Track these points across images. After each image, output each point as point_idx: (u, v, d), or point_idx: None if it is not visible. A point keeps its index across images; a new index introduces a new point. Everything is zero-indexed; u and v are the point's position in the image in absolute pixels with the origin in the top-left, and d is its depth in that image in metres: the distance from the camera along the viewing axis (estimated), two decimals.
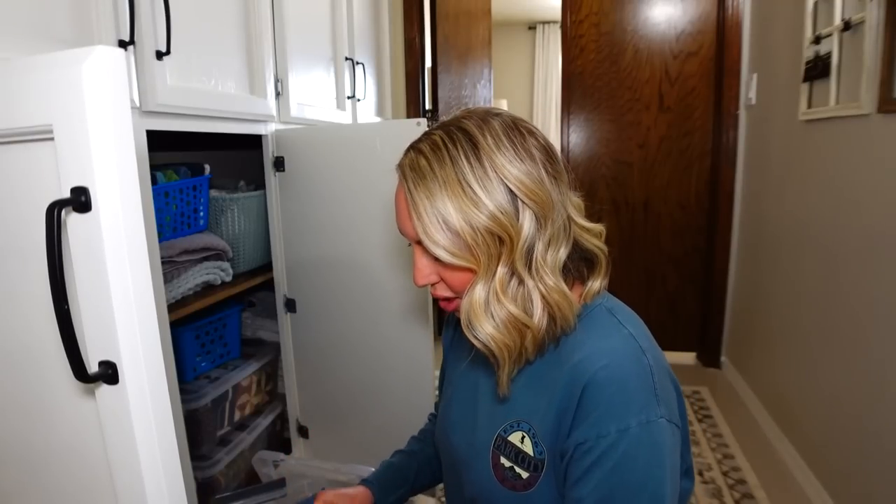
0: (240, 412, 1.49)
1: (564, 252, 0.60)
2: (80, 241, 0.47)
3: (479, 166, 0.56)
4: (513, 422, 0.63)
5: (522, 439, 0.62)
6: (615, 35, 2.53)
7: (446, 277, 0.61)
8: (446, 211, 0.55)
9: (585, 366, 0.57)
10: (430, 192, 0.56)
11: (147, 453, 0.49)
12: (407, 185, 0.58)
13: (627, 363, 0.57)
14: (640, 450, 0.54)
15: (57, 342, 0.46)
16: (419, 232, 0.57)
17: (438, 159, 0.57)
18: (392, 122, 2.20)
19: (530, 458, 0.61)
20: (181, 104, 1.02)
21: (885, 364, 1.30)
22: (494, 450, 0.64)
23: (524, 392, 0.64)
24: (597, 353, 0.58)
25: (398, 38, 2.56)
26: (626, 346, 0.59)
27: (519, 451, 0.62)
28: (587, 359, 0.58)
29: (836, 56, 1.55)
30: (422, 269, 0.62)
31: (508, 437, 0.63)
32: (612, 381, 0.56)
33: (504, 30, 5.73)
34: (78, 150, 0.45)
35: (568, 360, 0.60)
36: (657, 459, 0.55)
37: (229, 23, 1.20)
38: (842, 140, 1.53)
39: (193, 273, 1.25)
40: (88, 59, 0.44)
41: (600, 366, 0.57)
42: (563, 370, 0.60)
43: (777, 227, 2.01)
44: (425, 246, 0.58)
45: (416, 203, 0.57)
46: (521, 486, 0.62)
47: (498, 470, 0.64)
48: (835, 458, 1.53)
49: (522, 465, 0.62)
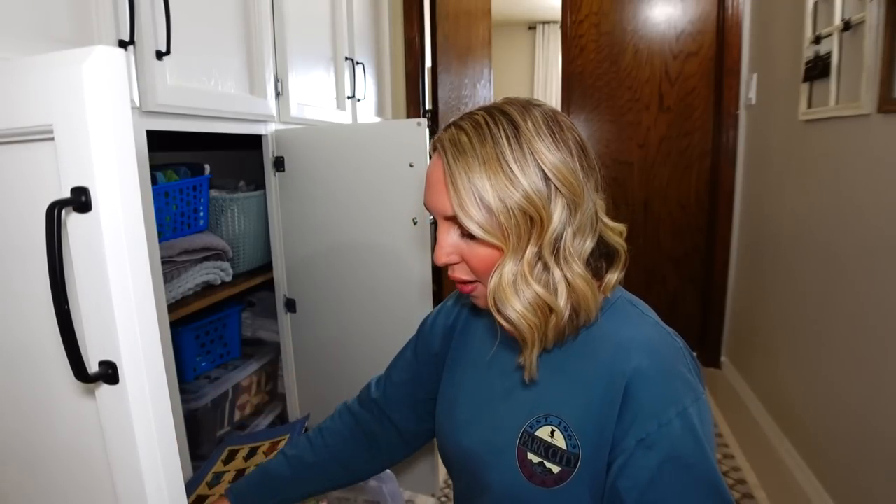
0: (240, 412, 1.49)
1: (590, 245, 0.61)
2: (81, 241, 0.47)
3: (518, 148, 0.57)
4: (539, 416, 0.63)
5: (552, 433, 0.62)
6: (615, 35, 2.53)
7: (469, 258, 0.61)
8: (483, 187, 0.56)
9: (626, 357, 0.58)
10: (468, 166, 0.57)
11: (147, 453, 0.49)
12: (446, 157, 0.59)
13: (665, 349, 0.60)
14: (698, 428, 0.56)
15: (57, 342, 0.46)
16: (454, 205, 0.58)
17: (480, 137, 0.58)
18: (392, 122, 2.20)
19: (563, 451, 0.61)
20: (181, 104, 1.02)
21: (885, 364, 1.30)
22: (520, 446, 0.63)
23: (549, 386, 0.64)
24: (633, 343, 0.60)
25: (398, 38, 2.56)
26: (659, 334, 0.62)
27: (549, 445, 0.62)
28: (625, 350, 0.59)
29: (836, 56, 1.55)
30: (445, 246, 0.62)
31: (535, 432, 0.63)
32: (659, 370, 0.58)
33: (504, 30, 5.73)
34: (78, 150, 0.45)
35: (599, 351, 0.61)
36: (708, 431, 0.58)
37: (229, 23, 1.20)
38: (842, 140, 1.53)
39: (193, 273, 1.25)
40: (89, 59, 0.44)
41: (643, 356, 0.58)
42: (595, 362, 0.61)
43: (777, 227, 2.01)
44: (460, 220, 0.58)
45: (454, 176, 0.58)
46: (552, 481, 0.61)
47: (525, 466, 0.63)
48: (835, 458, 1.53)
49: (553, 459, 0.61)
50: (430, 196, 0.62)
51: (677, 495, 0.55)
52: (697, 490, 0.56)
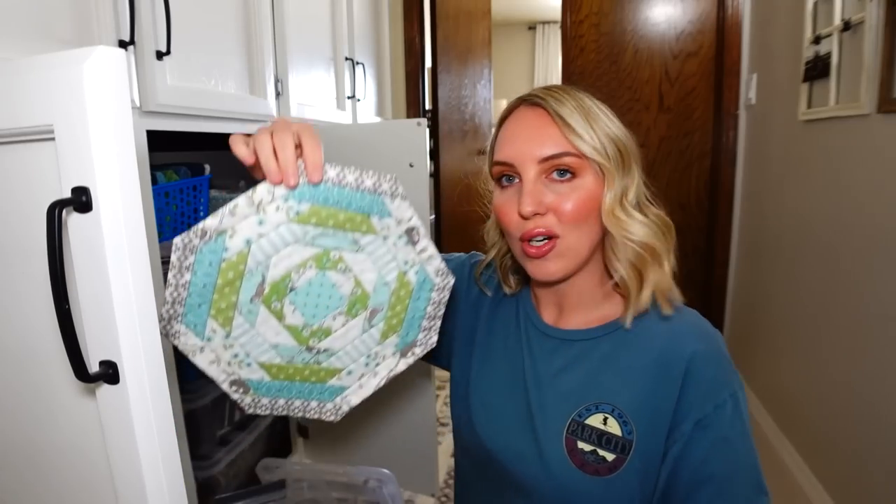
0: (240, 412, 1.49)
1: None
2: (81, 240, 0.47)
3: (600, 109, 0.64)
4: (589, 405, 0.63)
5: (605, 420, 0.62)
6: (615, 35, 2.53)
7: (562, 202, 0.61)
8: (584, 121, 0.61)
9: (682, 343, 0.61)
10: (571, 108, 0.62)
11: (147, 453, 0.49)
12: (547, 102, 0.62)
13: (715, 335, 0.63)
14: (744, 412, 0.60)
15: (58, 342, 0.46)
16: (566, 133, 0.61)
17: (571, 94, 0.63)
18: (392, 122, 2.20)
19: (617, 438, 0.61)
20: (181, 104, 1.03)
21: (885, 364, 1.30)
22: (569, 435, 0.63)
23: (597, 375, 0.64)
24: (687, 330, 0.63)
25: (398, 38, 2.57)
26: (703, 321, 0.65)
27: (602, 432, 0.62)
28: (680, 336, 0.62)
29: (836, 56, 1.55)
30: (535, 194, 0.61)
31: (585, 420, 0.63)
32: (714, 355, 0.61)
33: (504, 30, 5.74)
34: (79, 151, 0.45)
35: (650, 339, 0.63)
36: (748, 415, 0.61)
37: (229, 23, 1.20)
38: (842, 140, 1.53)
39: None
40: (89, 59, 0.44)
41: (699, 341, 0.61)
42: (647, 350, 0.63)
43: (777, 227, 2.01)
44: (573, 142, 0.60)
45: (560, 112, 0.61)
46: (606, 469, 0.61)
47: (576, 455, 0.62)
48: (835, 459, 1.53)
49: (608, 447, 0.61)
50: (519, 144, 0.63)
51: (724, 474, 0.58)
52: (741, 471, 0.59)
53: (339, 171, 0.55)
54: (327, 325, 0.59)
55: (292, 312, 0.57)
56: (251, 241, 0.53)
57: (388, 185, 0.57)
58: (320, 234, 0.55)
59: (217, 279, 0.53)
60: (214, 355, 0.57)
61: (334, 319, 0.59)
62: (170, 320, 0.53)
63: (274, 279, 0.55)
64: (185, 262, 0.51)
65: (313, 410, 0.62)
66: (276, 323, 0.57)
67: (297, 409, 0.62)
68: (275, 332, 0.57)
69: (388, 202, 0.57)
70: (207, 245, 0.52)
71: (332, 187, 0.55)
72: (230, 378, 0.58)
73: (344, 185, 0.55)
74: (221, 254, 0.52)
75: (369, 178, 0.56)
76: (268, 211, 0.53)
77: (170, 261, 0.52)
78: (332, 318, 0.58)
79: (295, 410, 0.62)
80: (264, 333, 0.57)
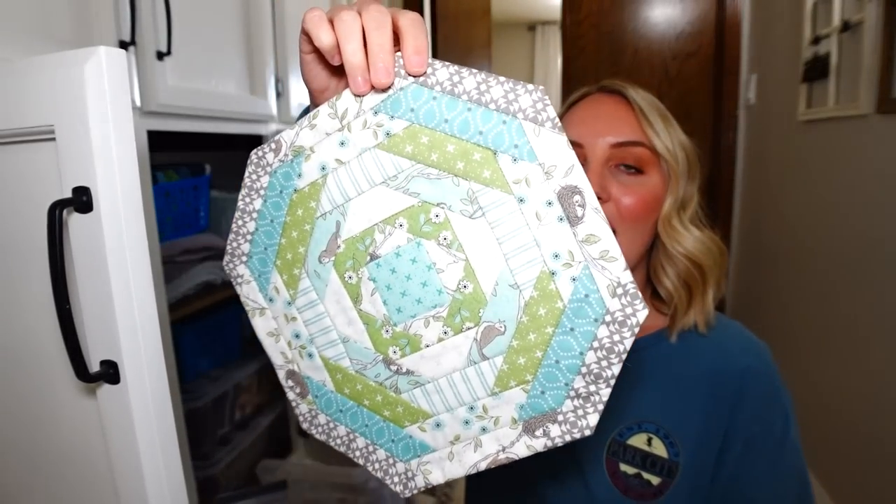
0: (240, 412, 1.49)
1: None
2: (82, 240, 0.47)
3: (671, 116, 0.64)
4: (631, 424, 0.59)
5: (650, 441, 0.58)
6: (615, 35, 2.53)
7: (624, 195, 0.58)
8: (661, 121, 0.61)
9: (733, 358, 0.58)
10: (650, 105, 0.62)
11: (148, 453, 0.50)
12: (628, 92, 0.62)
13: (765, 350, 0.61)
14: (794, 427, 0.58)
15: (58, 342, 0.46)
16: (643, 124, 0.60)
17: (649, 93, 0.64)
18: None
19: (663, 460, 0.57)
20: (182, 104, 1.03)
21: (885, 365, 1.30)
22: (609, 457, 0.59)
23: (638, 391, 0.60)
24: (737, 344, 0.60)
25: None
26: (749, 333, 0.62)
27: (647, 454, 0.58)
28: (730, 351, 0.59)
29: (835, 56, 1.56)
30: (602, 177, 0.58)
31: (627, 440, 0.59)
32: (767, 370, 0.59)
33: (504, 30, 5.74)
34: (79, 151, 0.45)
35: (697, 354, 0.60)
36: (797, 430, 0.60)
37: (230, 23, 1.20)
38: (841, 140, 1.53)
39: (194, 273, 1.25)
40: (90, 59, 0.44)
41: (751, 357, 0.59)
42: (695, 365, 0.59)
43: (776, 227, 2.01)
44: (648, 135, 0.59)
45: (640, 105, 0.61)
46: (651, 494, 0.57)
47: (618, 479, 0.58)
48: (835, 459, 1.53)
49: (653, 470, 0.57)
50: (595, 125, 0.60)
51: (778, 498, 0.56)
52: (793, 494, 0.57)
53: (456, 71, 0.35)
54: (416, 332, 0.38)
55: (370, 295, 0.39)
56: (327, 168, 0.38)
57: (532, 98, 0.33)
58: (418, 173, 0.36)
59: (286, 216, 0.40)
60: (275, 325, 0.43)
61: (427, 325, 0.38)
62: (232, 256, 0.43)
63: (351, 233, 0.38)
64: (256, 182, 0.40)
65: (379, 465, 0.42)
66: (349, 303, 0.40)
67: (359, 454, 0.43)
68: (346, 319, 0.40)
69: (531, 132, 0.34)
70: (282, 166, 0.39)
71: (442, 96, 0.35)
72: (287, 366, 0.44)
73: (458, 95, 0.35)
74: (295, 180, 0.39)
75: (498, 85, 0.34)
76: (353, 128, 0.37)
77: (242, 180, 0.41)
78: (423, 322, 0.38)
79: (356, 453, 0.43)
80: (334, 316, 0.41)
